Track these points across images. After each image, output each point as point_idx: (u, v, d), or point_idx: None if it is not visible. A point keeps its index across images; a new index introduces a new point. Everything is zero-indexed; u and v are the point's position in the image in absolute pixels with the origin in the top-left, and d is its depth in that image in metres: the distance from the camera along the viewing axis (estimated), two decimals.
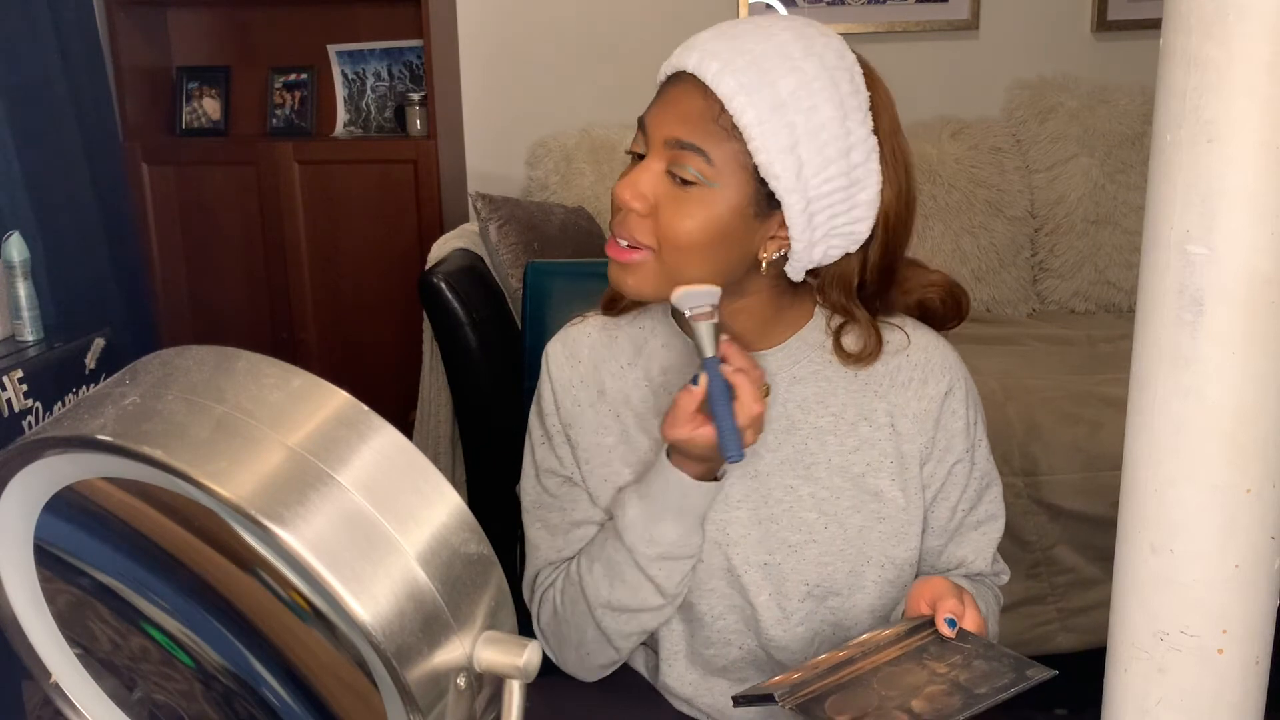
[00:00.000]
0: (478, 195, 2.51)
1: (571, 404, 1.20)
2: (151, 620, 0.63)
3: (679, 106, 1.05)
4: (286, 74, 3.20)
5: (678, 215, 1.05)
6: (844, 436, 1.15)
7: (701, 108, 1.03)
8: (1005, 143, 3.05)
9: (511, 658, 0.57)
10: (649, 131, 1.07)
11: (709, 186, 1.04)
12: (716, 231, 1.05)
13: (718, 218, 1.05)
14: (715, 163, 1.03)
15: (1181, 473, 0.61)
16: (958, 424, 1.16)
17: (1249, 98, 0.55)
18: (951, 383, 1.16)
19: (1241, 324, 0.58)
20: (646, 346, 1.20)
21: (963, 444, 1.17)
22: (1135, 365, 0.63)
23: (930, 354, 1.17)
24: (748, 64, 1.01)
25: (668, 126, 1.05)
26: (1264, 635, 0.64)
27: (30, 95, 2.33)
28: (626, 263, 1.08)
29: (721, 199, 1.04)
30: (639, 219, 1.06)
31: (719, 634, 1.18)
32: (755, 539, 1.15)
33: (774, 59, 1.01)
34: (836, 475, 1.14)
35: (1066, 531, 2.23)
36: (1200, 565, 0.62)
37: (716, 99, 1.02)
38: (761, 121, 1.01)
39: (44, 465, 0.59)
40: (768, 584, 1.15)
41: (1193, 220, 0.58)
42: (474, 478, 2.38)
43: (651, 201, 1.05)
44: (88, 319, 2.29)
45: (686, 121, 1.04)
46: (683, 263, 1.06)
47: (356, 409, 0.57)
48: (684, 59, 1.04)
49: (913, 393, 1.15)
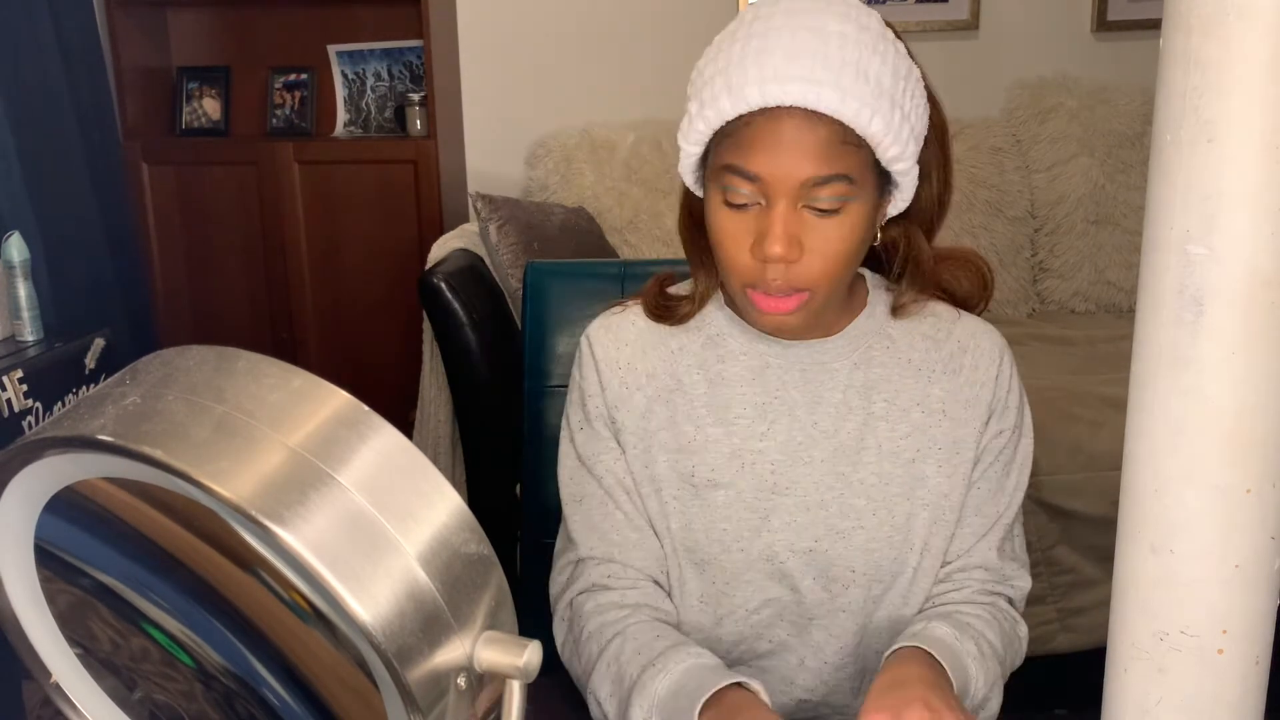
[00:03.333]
0: (478, 195, 2.51)
1: (619, 385, 1.17)
2: (152, 620, 0.63)
3: (802, 146, 1.00)
4: (286, 74, 3.20)
5: (830, 244, 1.04)
6: (896, 423, 1.15)
7: (827, 137, 1.00)
8: (1005, 143, 3.05)
9: (512, 658, 0.57)
10: (769, 180, 1.01)
11: (851, 202, 1.03)
12: (862, 239, 1.06)
13: (862, 226, 1.05)
14: (855, 178, 1.03)
15: (1181, 473, 0.61)
16: (1013, 400, 1.18)
17: (1249, 98, 0.55)
18: (1000, 367, 1.17)
19: (1241, 324, 0.58)
20: (700, 335, 1.18)
21: (1014, 419, 1.18)
22: (1135, 365, 0.63)
23: (979, 339, 1.18)
24: (851, 75, 0.99)
25: (797, 169, 1.01)
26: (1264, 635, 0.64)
27: (30, 95, 2.33)
28: (792, 310, 1.06)
29: (860, 208, 1.04)
30: (789, 266, 1.03)
31: (751, 628, 1.17)
32: (801, 525, 1.14)
33: (851, 52, 1.00)
34: (887, 461, 1.14)
35: (1066, 531, 2.23)
36: (1200, 565, 0.62)
37: (836, 122, 1.00)
38: (886, 123, 1.01)
39: (44, 465, 0.59)
40: (811, 569, 1.15)
41: (1193, 220, 0.58)
42: (474, 478, 2.38)
43: (800, 244, 1.03)
44: (88, 319, 2.30)
45: (819, 157, 1.00)
46: (839, 283, 1.08)
47: (356, 409, 0.57)
48: (781, 94, 0.99)
49: (964, 379, 1.16)
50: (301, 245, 3.04)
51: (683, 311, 1.18)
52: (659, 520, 1.16)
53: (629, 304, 1.22)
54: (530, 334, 1.56)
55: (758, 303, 1.06)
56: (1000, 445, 1.17)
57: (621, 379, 1.17)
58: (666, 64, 1.93)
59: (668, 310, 1.19)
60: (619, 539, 1.16)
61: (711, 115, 1.03)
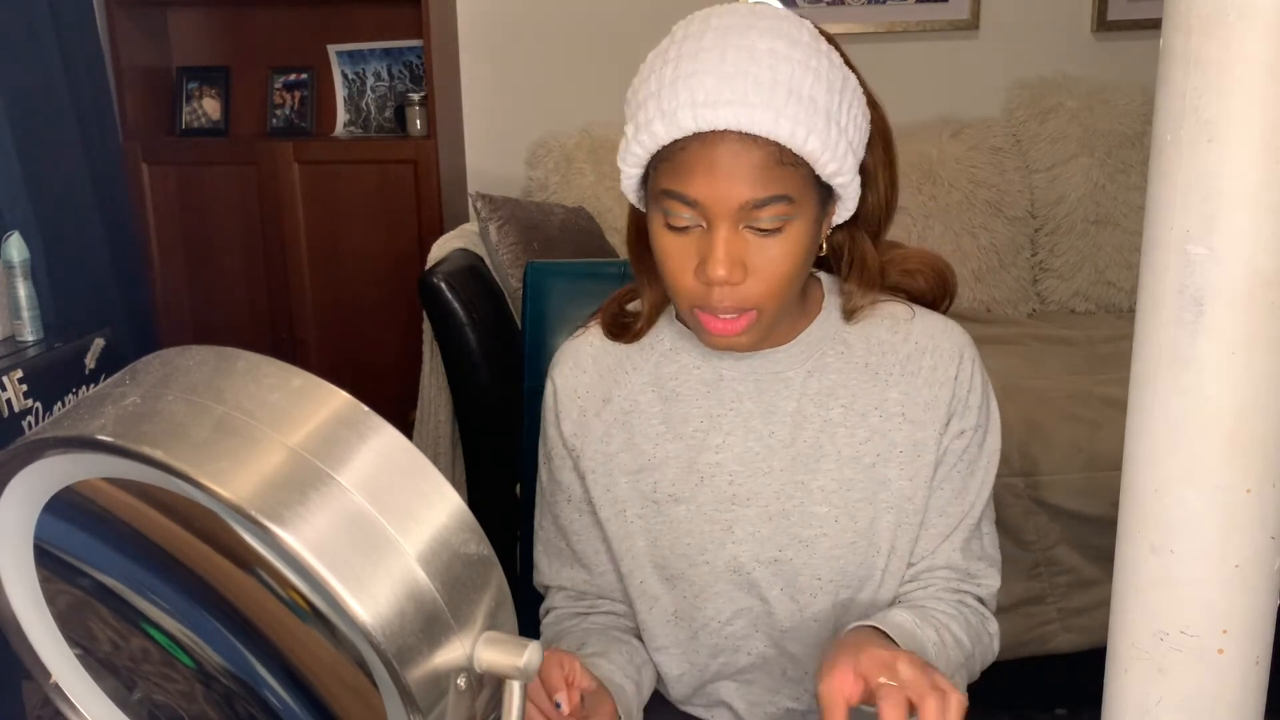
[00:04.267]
0: (478, 195, 2.51)
1: (578, 413, 1.20)
2: (152, 621, 0.63)
3: (738, 169, 0.99)
4: (286, 74, 3.20)
5: (774, 263, 1.03)
6: (854, 428, 1.14)
7: (763, 159, 0.99)
8: (1005, 143, 3.05)
9: (512, 658, 0.57)
10: (708, 204, 1.00)
11: (792, 220, 1.03)
12: (806, 254, 1.06)
13: (805, 242, 1.05)
14: (795, 197, 1.02)
15: (1181, 473, 0.61)
16: (975, 399, 1.16)
17: (1249, 98, 0.55)
18: (959, 364, 1.15)
19: (1241, 324, 0.58)
20: (654, 352, 1.20)
21: (975, 418, 1.16)
22: (1135, 365, 0.63)
23: (938, 339, 1.16)
24: (784, 95, 0.97)
25: (735, 192, 0.99)
26: (1264, 635, 0.64)
27: (30, 95, 2.33)
28: (741, 331, 1.06)
29: (803, 224, 1.04)
30: (734, 287, 1.03)
31: (727, 640, 1.18)
32: (765, 535, 1.14)
33: (784, 71, 0.98)
34: (847, 467, 1.14)
35: (1066, 531, 2.22)
36: (1200, 565, 0.62)
37: (772, 143, 0.98)
38: (823, 140, 0.99)
39: (44, 465, 0.59)
40: (779, 580, 1.15)
41: (1193, 220, 0.58)
42: (474, 478, 2.38)
43: (743, 265, 1.03)
44: (88, 319, 2.29)
45: (756, 179, 0.99)
46: (785, 299, 1.07)
47: (356, 409, 0.57)
48: (714, 118, 0.97)
49: (923, 380, 1.15)
50: (301, 245, 3.04)
51: (636, 329, 1.19)
52: (623, 541, 1.18)
53: (590, 324, 1.24)
54: (530, 334, 1.56)
55: (707, 325, 1.06)
56: (963, 445, 1.15)
57: (581, 407, 1.20)
58: None
59: (624, 328, 1.20)
60: (569, 573, 1.24)
61: (647, 139, 1.01)
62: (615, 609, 1.24)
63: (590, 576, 1.23)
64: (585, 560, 1.23)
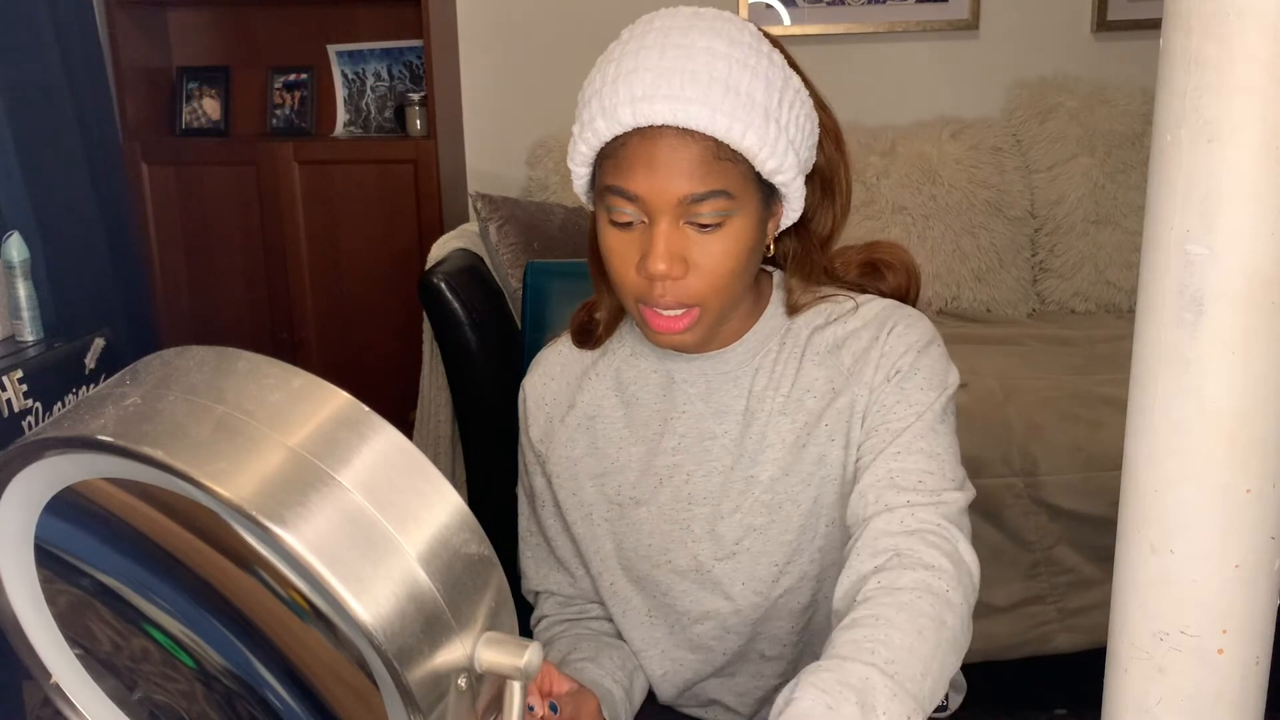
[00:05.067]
0: (478, 195, 2.51)
1: (545, 420, 1.22)
2: (152, 621, 0.63)
3: (677, 164, 1.00)
4: (286, 74, 3.21)
5: (715, 259, 1.04)
6: (793, 414, 1.14)
7: (700, 153, 1.00)
8: (1005, 143, 3.05)
9: (512, 658, 0.57)
10: (648, 199, 1.02)
11: (732, 216, 1.03)
12: (748, 251, 1.06)
13: (747, 239, 1.05)
14: (734, 193, 1.02)
15: (1181, 473, 0.61)
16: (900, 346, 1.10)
17: (1249, 98, 0.55)
18: (891, 328, 1.10)
19: (1241, 324, 0.58)
20: (615, 357, 1.21)
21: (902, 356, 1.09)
22: (1135, 365, 0.63)
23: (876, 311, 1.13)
24: (720, 91, 0.99)
25: (674, 186, 1.01)
26: (1264, 635, 0.64)
27: (30, 95, 2.33)
28: (685, 328, 1.06)
29: (744, 220, 1.04)
30: (676, 282, 1.04)
31: (699, 637, 1.19)
32: (720, 532, 1.15)
33: (720, 68, 0.99)
34: (787, 453, 1.13)
35: (1066, 531, 2.22)
36: (1200, 565, 0.62)
37: (709, 138, 1.00)
38: (760, 136, 1.00)
39: (44, 465, 0.59)
40: (740, 573, 1.15)
41: (1193, 220, 0.58)
42: (474, 478, 2.38)
43: (684, 260, 1.03)
44: (88, 319, 2.29)
45: (693, 174, 1.00)
46: (728, 297, 1.07)
47: (356, 409, 0.57)
48: (651, 113, 0.99)
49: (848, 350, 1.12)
50: (301, 245, 3.04)
51: (597, 334, 1.21)
52: (591, 544, 1.20)
53: (562, 334, 1.26)
54: (530, 334, 1.56)
55: (651, 321, 1.07)
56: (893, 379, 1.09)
57: (548, 414, 1.22)
58: None
59: (588, 334, 1.22)
60: (557, 577, 1.26)
61: (590, 136, 1.04)
62: (604, 614, 1.25)
63: (573, 580, 1.25)
64: (567, 564, 1.25)
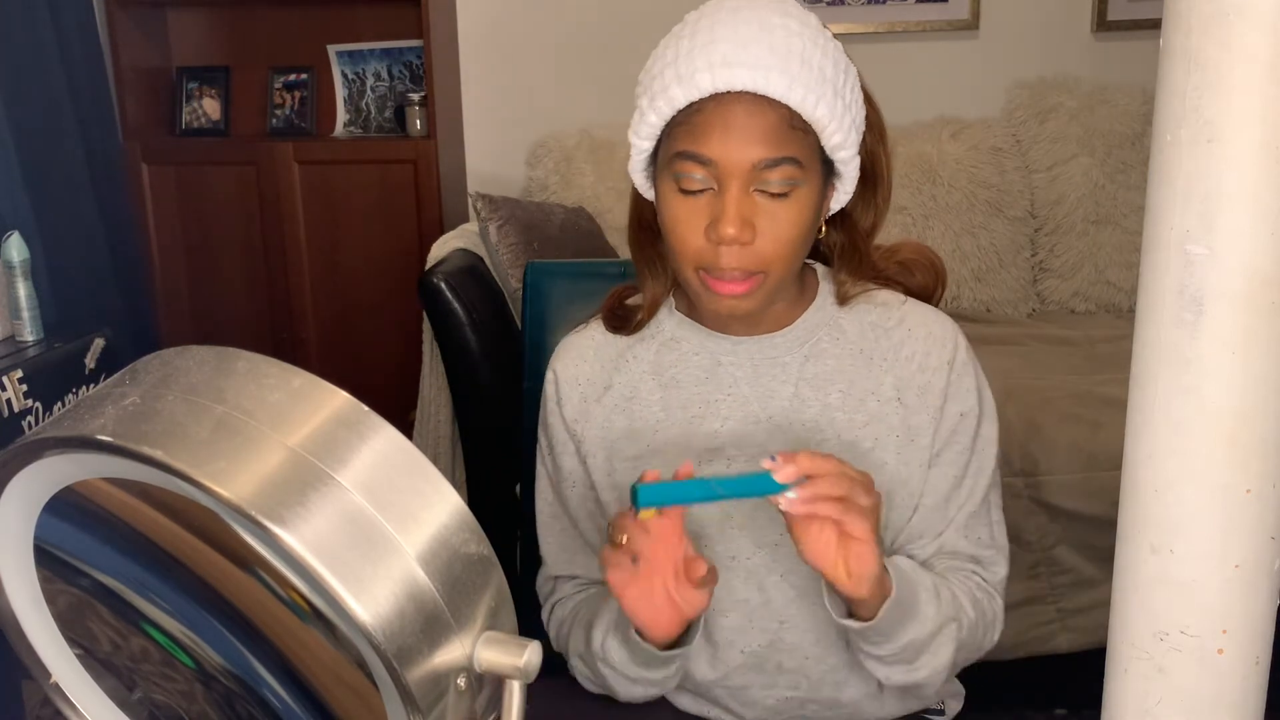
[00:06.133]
0: (478, 195, 2.51)
1: (579, 399, 1.21)
2: (152, 621, 0.63)
3: (753, 129, 1.04)
4: (286, 74, 3.20)
5: (781, 227, 1.06)
6: (853, 412, 1.15)
7: (775, 121, 1.04)
8: (1005, 143, 3.05)
9: (512, 658, 0.57)
10: (722, 163, 1.04)
11: (799, 186, 1.06)
12: (811, 223, 1.10)
13: (809, 210, 1.08)
14: (804, 163, 1.06)
15: (1181, 473, 0.61)
16: (968, 383, 1.17)
17: (1249, 98, 0.55)
18: (954, 351, 1.17)
19: (1241, 324, 0.58)
20: (654, 341, 1.21)
21: (971, 401, 1.17)
22: (1135, 365, 0.63)
23: (930, 327, 1.18)
24: (797, 62, 1.02)
25: (748, 151, 1.04)
26: (1264, 635, 0.63)
27: (30, 95, 2.33)
28: (747, 292, 1.08)
29: (808, 192, 1.08)
30: (742, 248, 1.06)
31: (722, 633, 1.18)
32: (763, 521, 1.15)
33: (796, 42, 1.03)
34: (846, 451, 1.15)
35: (1066, 531, 2.22)
36: (1200, 565, 0.62)
37: (784, 106, 1.03)
38: (830, 109, 1.04)
39: (44, 465, 0.59)
40: (778, 565, 1.16)
41: (1193, 220, 0.58)
42: (474, 478, 2.38)
43: (752, 226, 1.06)
44: (88, 319, 2.29)
45: (768, 140, 1.04)
46: (789, 267, 1.10)
47: (356, 409, 0.57)
48: (731, 79, 1.02)
49: (916, 365, 1.16)
50: (301, 245, 3.04)
51: (636, 320, 1.22)
52: None
53: (591, 321, 1.26)
54: (530, 334, 1.56)
55: (714, 286, 1.08)
56: (963, 430, 1.17)
57: (581, 394, 1.22)
58: None
59: (624, 320, 1.23)
60: (584, 560, 1.24)
61: (663, 106, 1.05)
62: None
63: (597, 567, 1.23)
64: (596, 548, 1.23)
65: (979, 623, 1.15)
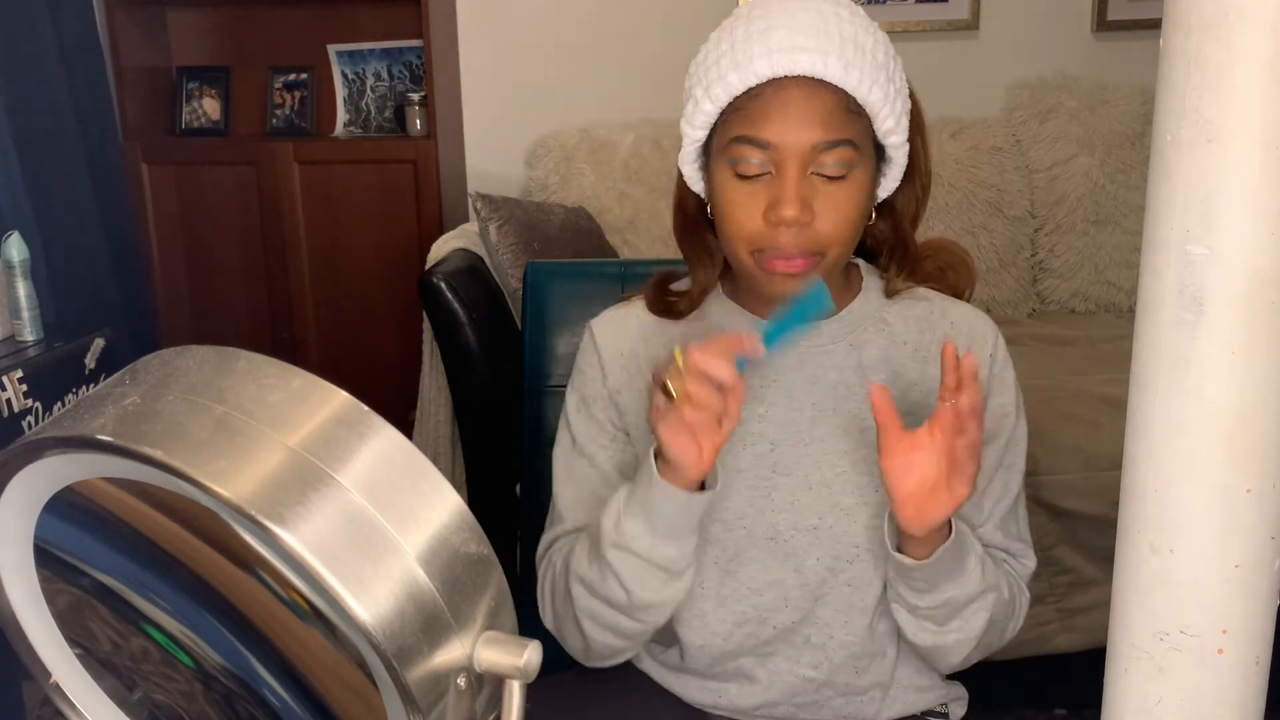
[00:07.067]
0: (478, 195, 2.51)
1: (622, 371, 1.22)
2: (152, 621, 0.63)
3: (811, 112, 1.05)
4: (286, 74, 3.20)
5: (839, 210, 1.08)
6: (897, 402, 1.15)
7: (833, 104, 1.06)
8: (1005, 143, 3.05)
9: (512, 658, 0.57)
10: (780, 145, 1.06)
11: (855, 169, 1.08)
12: (865, 207, 1.11)
13: (864, 193, 1.10)
14: (859, 146, 1.07)
15: (1181, 473, 0.61)
16: (1009, 378, 1.21)
17: (1249, 98, 0.55)
18: (995, 346, 1.21)
19: (1241, 324, 0.58)
20: (700, 324, 1.22)
21: (1012, 397, 1.20)
22: (1135, 365, 0.63)
23: (972, 321, 1.22)
24: (852, 48, 1.05)
25: (808, 133, 1.05)
26: (1264, 635, 0.63)
27: (30, 95, 2.33)
28: (804, 272, 1.09)
29: (863, 175, 1.09)
30: (801, 229, 1.07)
31: (755, 610, 1.18)
32: (804, 504, 1.16)
33: (849, 29, 1.06)
34: None
35: (1066, 531, 2.22)
36: (1200, 565, 0.61)
37: (841, 90, 1.06)
38: (884, 94, 1.07)
39: (44, 465, 0.59)
40: (816, 548, 1.16)
41: (1193, 220, 0.58)
42: (474, 478, 2.38)
43: (811, 208, 1.07)
44: (88, 319, 2.29)
45: (827, 122, 1.06)
46: (845, 249, 1.12)
47: (356, 409, 0.57)
48: (790, 64, 1.04)
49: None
50: (301, 245, 3.04)
51: (682, 307, 1.22)
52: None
53: (633, 299, 1.26)
54: (530, 334, 1.56)
55: (771, 265, 1.09)
56: (1003, 423, 1.19)
57: (624, 366, 1.22)
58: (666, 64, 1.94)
59: (669, 306, 1.23)
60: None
61: (720, 93, 1.07)
62: None
63: None
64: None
65: (1011, 604, 1.18)
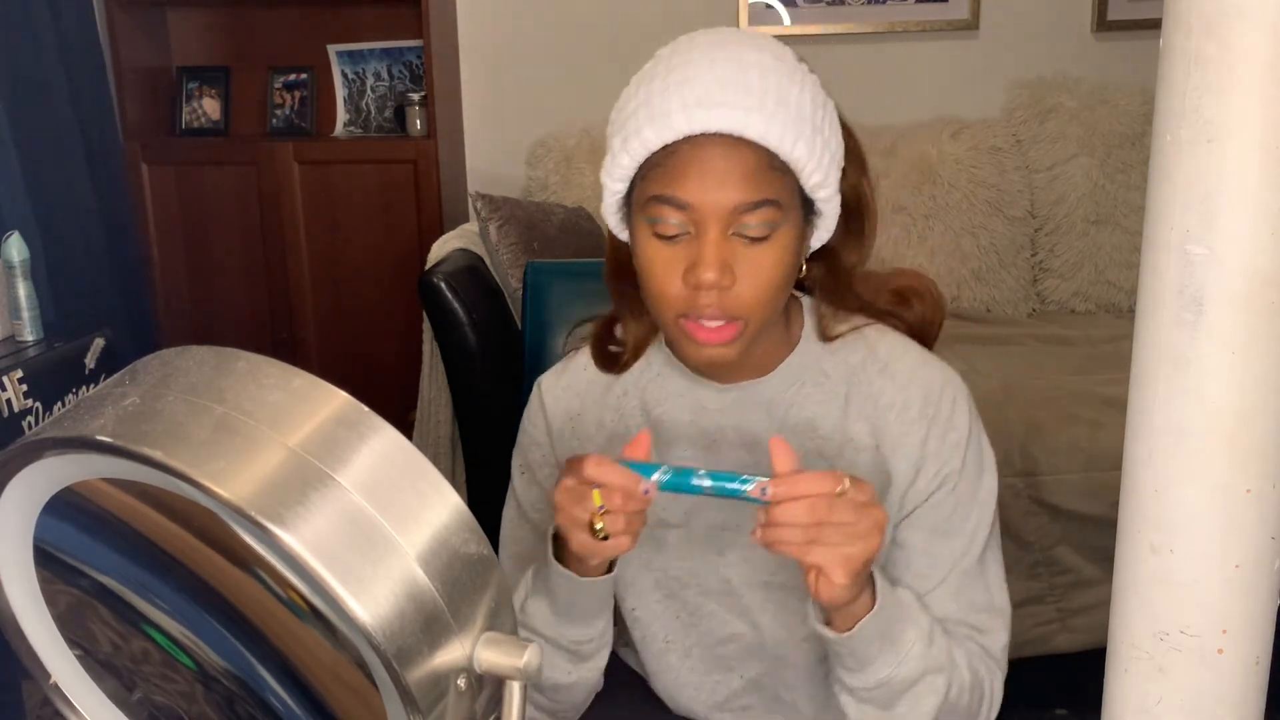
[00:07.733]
0: (478, 195, 2.51)
1: (571, 435, 1.19)
2: (152, 622, 0.63)
3: (730, 172, 0.99)
4: (286, 74, 3.20)
5: (761, 271, 1.01)
6: (833, 459, 1.12)
7: (754, 162, 0.99)
8: (1005, 143, 3.05)
9: (512, 659, 0.57)
10: (699, 207, 0.99)
11: (779, 228, 1.01)
12: (792, 264, 1.04)
13: (790, 252, 1.03)
14: (783, 204, 1.01)
15: (1181, 473, 0.61)
16: (956, 437, 1.11)
17: (1249, 98, 0.55)
18: (938, 405, 1.11)
19: (1241, 324, 0.58)
20: (642, 377, 1.18)
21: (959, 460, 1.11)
22: (1135, 365, 0.63)
23: (915, 374, 1.12)
24: (774, 102, 0.97)
25: (728, 194, 0.99)
26: (1264, 635, 0.63)
27: (30, 95, 2.33)
28: (729, 339, 1.03)
29: (789, 234, 1.03)
30: (722, 292, 1.00)
31: (720, 660, 1.18)
32: (756, 560, 1.14)
33: (772, 80, 0.99)
34: None
35: (1066, 531, 2.22)
36: (1200, 565, 0.62)
37: (762, 148, 0.98)
38: (809, 148, 0.99)
39: (44, 466, 0.59)
40: (770, 604, 1.15)
41: (1193, 220, 0.58)
42: (474, 478, 2.38)
43: (732, 271, 1.00)
44: (88, 319, 2.29)
45: (746, 183, 0.99)
46: (770, 311, 1.05)
47: (356, 409, 0.57)
48: (708, 120, 0.97)
49: (895, 415, 1.12)
50: (301, 245, 3.04)
51: (623, 361, 1.18)
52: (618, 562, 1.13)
53: (582, 350, 1.22)
54: (530, 334, 1.56)
55: (694, 333, 1.03)
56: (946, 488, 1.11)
57: (574, 430, 1.19)
58: None
59: (612, 360, 1.19)
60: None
61: (636, 147, 1.00)
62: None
63: None
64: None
65: (974, 689, 1.09)
